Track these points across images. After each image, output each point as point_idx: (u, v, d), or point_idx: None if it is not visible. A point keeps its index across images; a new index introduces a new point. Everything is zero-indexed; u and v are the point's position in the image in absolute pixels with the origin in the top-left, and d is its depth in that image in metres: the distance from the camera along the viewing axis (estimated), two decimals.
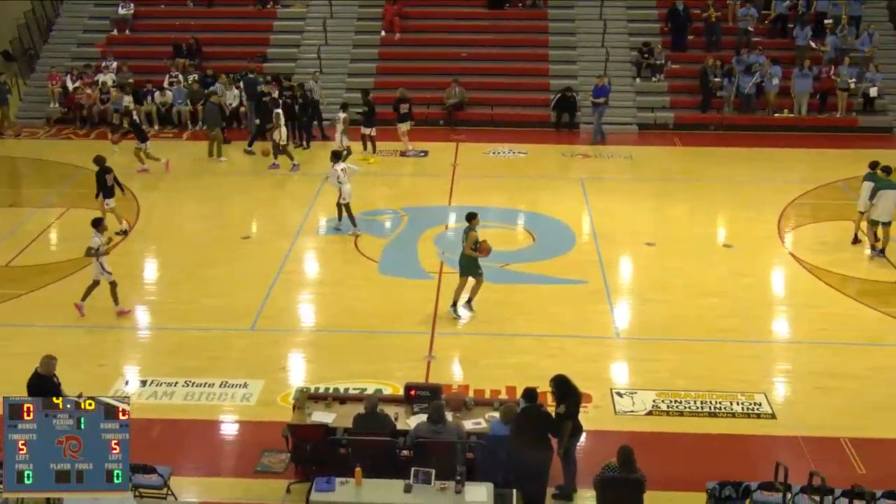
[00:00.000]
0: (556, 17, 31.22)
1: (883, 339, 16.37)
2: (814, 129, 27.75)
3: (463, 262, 16.75)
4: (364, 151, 25.39)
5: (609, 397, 14.36)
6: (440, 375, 14.82)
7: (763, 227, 20.96)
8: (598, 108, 26.72)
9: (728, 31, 30.10)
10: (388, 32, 30.67)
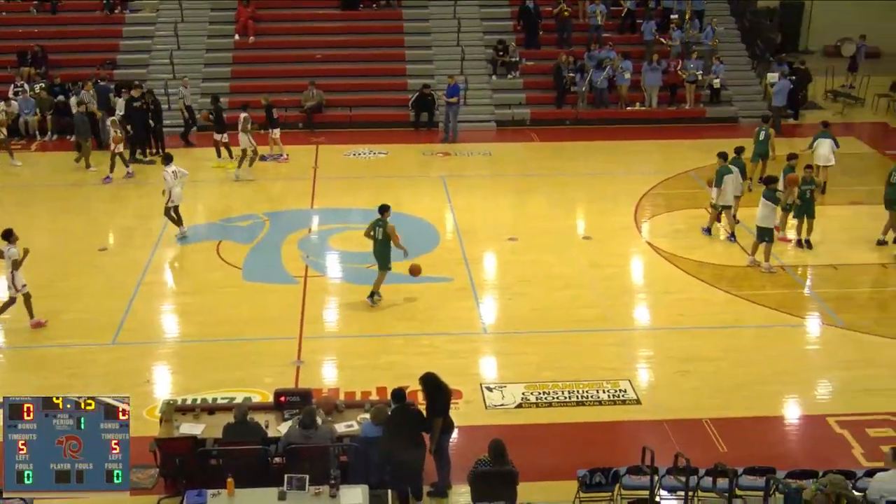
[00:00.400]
0: (411, 16, 31.29)
1: (738, 321, 16.99)
2: (664, 121, 28.61)
3: (379, 254, 16.93)
4: (219, 159, 24.91)
5: (479, 392, 14.48)
6: (310, 380, 14.70)
7: (620, 218, 21.47)
8: (451, 106, 26.89)
9: (579, 27, 30.72)
10: (241, 36, 30.18)
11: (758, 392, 14.73)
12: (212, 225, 20.86)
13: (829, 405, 14.53)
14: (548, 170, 25.02)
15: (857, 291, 18.34)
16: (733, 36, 31.33)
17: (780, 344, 16.23)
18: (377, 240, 16.93)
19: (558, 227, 21.13)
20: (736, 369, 15.33)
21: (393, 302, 17.44)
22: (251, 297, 17.74)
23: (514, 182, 24.18)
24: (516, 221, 21.57)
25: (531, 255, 19.52)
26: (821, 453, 13.13)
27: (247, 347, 15.85)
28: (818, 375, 15.36)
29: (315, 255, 19.52)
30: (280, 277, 18.49)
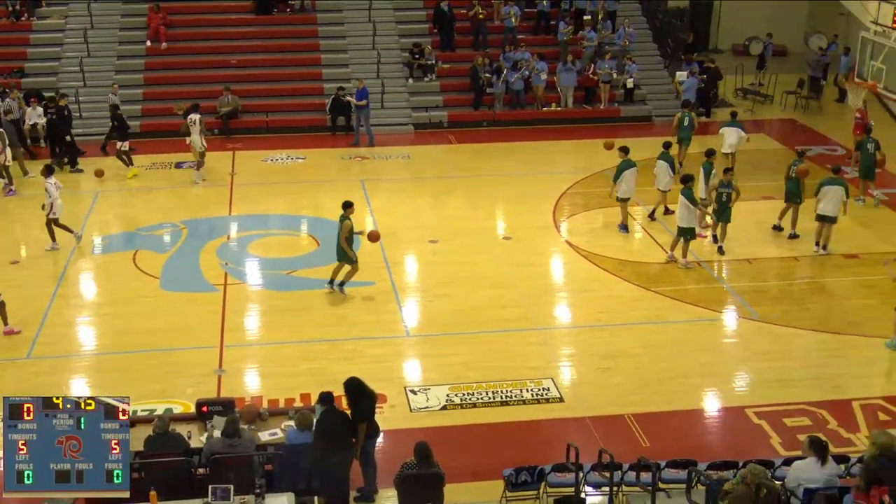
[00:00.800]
0: (326, 20, 31.11)
1: (657, 317, 17.23)
2: (580, 121, 28.84)
3: (339, 250, 17.27)
4: (129, 167, 24.35)
5: (403, 395, 14.49)
6: (232, 389, 14.55)
7: (539, 218, 21.60)
8: (360, 110, 26.76)
9: (494, 29, 30.87)
10: (153, 42, 29.66)
11: (678, 386, 14.98)
12: (128, 234, 20.50)
13: (746, 397, 14.84)
14: (466, 171, 25.10)
15: (771, 284, 18.74)
16: (645, 36, 31.72)
17: (699, 338, 16.52)
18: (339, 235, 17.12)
19: (479, 227, 21.21)
20: (656, 364, 15.56)
21: (315, 307, 17.34)
22: (170, 306, 17.48)
23: (434, 184, 24.22)
24: (437, 223, 21.59)
25: (452, 256, 19.58)
26: (740, 444, 13.39)
27: (167, 358, 15.62)
28: (736, 368, 15.67)
29: (234, 263, 19.31)
30: (199, 286, 18.26)
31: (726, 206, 19.38)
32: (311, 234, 21.06)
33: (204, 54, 29.89)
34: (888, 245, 19.96)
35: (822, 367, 15.57)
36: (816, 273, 19.17)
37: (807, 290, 18.64)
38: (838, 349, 16.13)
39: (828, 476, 10.68)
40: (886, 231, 21.04)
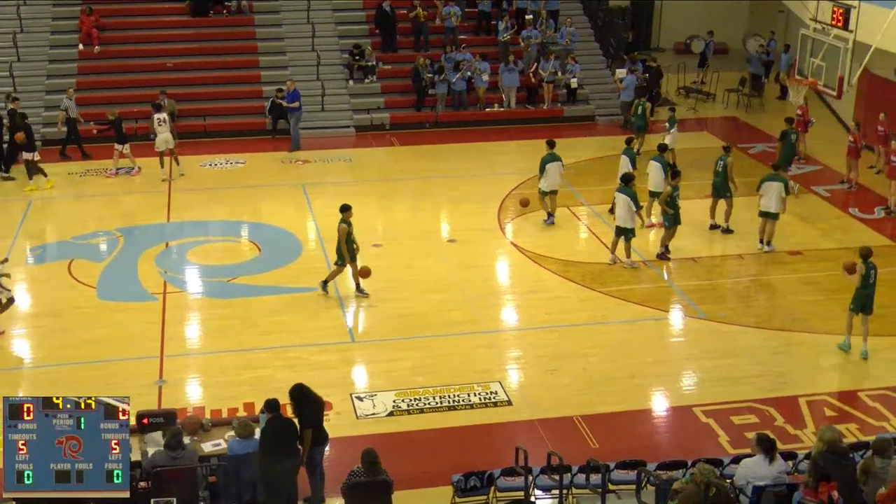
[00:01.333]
0: (263, 22, 30.72)
1: (604, 317, 17.23)
2: (523, 121, 28.78)
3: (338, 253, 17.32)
4: (34, 179, 23.55)
5: (349, 402, 14.31)
6: (173, 399, 14.28)
7: (485, 220, 21.52)
8: (292, 112, 26.39)
9: (436, 29, 30.72)
10: (86, 45, 29.00)
11: (626, 386, 14.99)
12: (62, 243, 19.98)
13: (694, 395, 14.87)
14: (410, 174, 24.93)
15: (717, 283, 18.81)
16: (587, 35, 31.78)
17: (646, 338, 16.56)
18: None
19: (423, 231, 21.08)
20: (604, 365, 15.55)
21: (257, 315, 17.10)
22: (108, 316, 17.12)
23: (377, 187, 23.98)
24: (381, 227, 21.45)
25: (397, 260, 19.41)
26: (689, 443, 13.43)
27: (106, 369, 15.29)
28: (683, 367, 15.71)
29: (173, 271, 18.95)
30: (138, 295, 17.89)
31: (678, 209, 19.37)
32: (251, 240, 20.72)
33: (139, 57, 29.33)
34: (831, 241, 20.17)
35: (768, 365, 15.66)
36: (761, 270, 19.28)
37: (752, 287, 18.78)
38: (783, 346, 16.24)
39: (776, 473, 10.70)
40: (829, 228, 21.26)
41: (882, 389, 14.90)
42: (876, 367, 15.58)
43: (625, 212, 18.76)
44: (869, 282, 15.40)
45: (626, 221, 18.81)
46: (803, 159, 25.23)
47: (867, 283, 15.40)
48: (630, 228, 18.86)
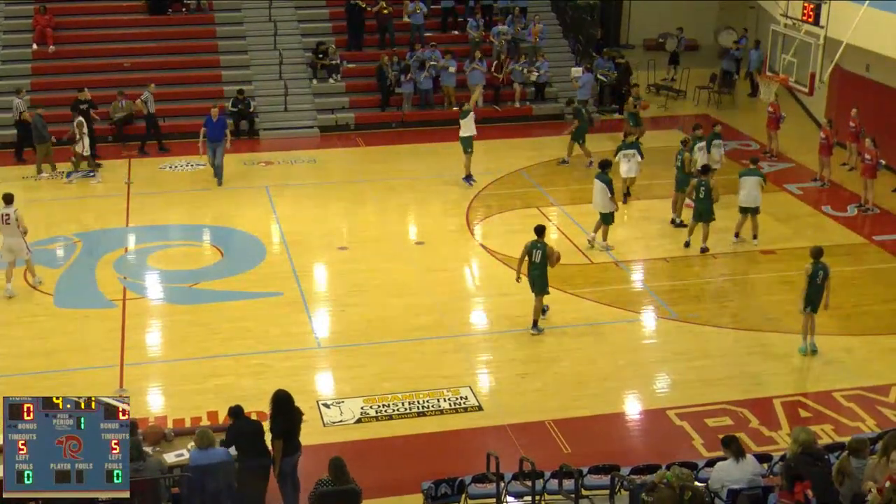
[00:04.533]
0: (224, 20, 30.28)
1: (575, 319, 17.04)
2: (491, 120, 28.45)
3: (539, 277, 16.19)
4: None
5: (316, 410, 14.07)
6: (134, 409, 13.54)
7: (453, 221, 21.31)
8: (217, 141, 23.45)
9: (401, 27, 30.38)
10: (40, 45, 28.39)
11: (599, 389, 14.83)
12: None
13: (667, 398, 14.75)
14: (376, 175, 24.59)
15: (689, 283, 18.64)
16: (555, 32, 31.62)
17: (619, 340, 16.42)
18: (534, 263, 16.17)
19: (390, 233, 20.84)
20: (576, 368, 15.40)
21: (220, 321, 16.79)
22: (65, 324, 16.73)
23: (342, 189, 23.64)
24: (346, 230, 21.23)
25: (363, 263, 19.14)
26: (663, 447, 13.33)
27: (64, 379, 14.91)
28: (656, 369, 15.60)
29: (133, 276, 18.55)
30: (96, 302, 17.50)
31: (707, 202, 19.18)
32: (214, 244, 20.36)
33: (95, 57, 28.76)
34: (804, 240, 20.01)
35: (741, 366, 15.55)
36: (733, 270, 19.20)
37: (724, 287, 18.67)
38: (757, 346, 16.14)
39: (750, 476, 10.63)
40: (802, 225, 21.20)
41: (857, 389, 14.80)
42: (851, 367, 15.49)
43: (601, 197, 18.96)
44: (816, 281, 15.32)
45: (604, 207, 19.05)
46: (775, 156, 25.15)
47: (814, 282, 15.31)
48: (609, 213, 19.07)
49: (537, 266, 16.20)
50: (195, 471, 11.07)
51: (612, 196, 19.12)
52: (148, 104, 25.33)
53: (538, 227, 16.50)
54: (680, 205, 20.66)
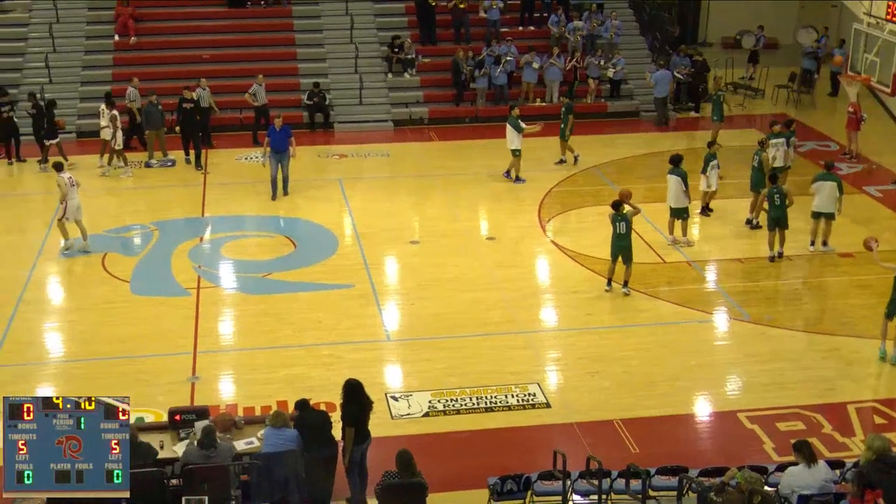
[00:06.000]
0: (301, 13, 30.56)
1: (646, 319, 16.86)
2: None
3: (626, 249, 17.23)
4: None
5: (384, 402, 14.07)
6: (206, 396, 14.15)
7: (524, 217, 21.19)
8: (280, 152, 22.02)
9: (477, 22, 30.37)
10: (122, 36, 28.99)
11: (668, 390, 14.66)
12: (96, 236, 19.83)
13: (739, 400, 14.52)
14: (448, 169, 24.63)
15: (763, 284, 18.30)
16: (632, 29, 31.35)
17: (689, 340, 16.19)
18: (620, 234, 17.07)
19: (461, 228, 20.79)
20: (645, 368, 15.22)
21: (291, 311, 16.91)
22: (141, 311, 16.99)
23: (414, 183, 23.73)
24: (418, 224, 21.24)
25: (434, 257, 19.15)
26: (732, 449, 13.12)
27: (138, 365, 15.16)
28: (727, 371, 15.35)
29: (207, 266, 18.79)
30: (171, 290, 17.75)
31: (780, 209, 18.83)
32: (286, 235, 20.51)
33: (175, 49, 29.26)
34: (883, 243, 19.54)
35: (815, 370, 15.24)
36: (810, 273, 18.84)
37: (800, 290, 18.31)
38: (832, 351, 15.80)
39: (821, 482, 10.50)
40: (881, 229, 20.64)
41: None
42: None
43: (676, 192, 18.84)
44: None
45: (678, 202, 18.95)
46: (855, 158, 24.64)
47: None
48: (684, 208, 18.98)
49: (623, 237, 17.05)
50: (266, 459, 11.18)
51: (686, 190, 18.96)
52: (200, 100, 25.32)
53: (615, 202, 17.15)
54: (759, 206, 20.28)
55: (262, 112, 25.95)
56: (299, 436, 11.37)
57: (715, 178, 20.55)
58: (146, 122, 24.45)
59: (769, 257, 18.93)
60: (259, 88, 25.88)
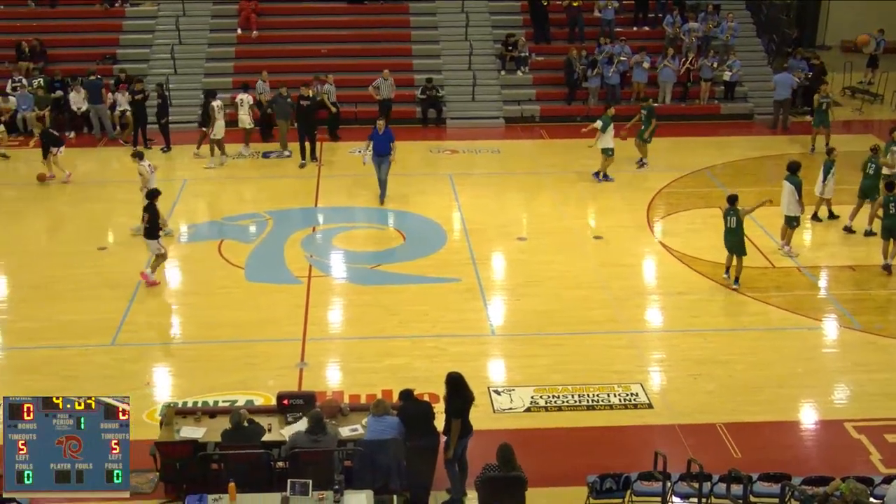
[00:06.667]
0: (418, 10, 30.97)
1: (752, 323, 16.63)
2: (678, 117, 28.12)
3: (736, 243, 17.45)
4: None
5: (487, 396, 14.18)
6: (313, 382, 14.46)
7: (632, 217, 21.11)
8: (382, 156, 21.71)
9: (591, 21, 30.32)
10: (244, 30, 29.84)
11: (773, 396, 14.43)
12: (213, 223, 20.51)
13: (846, 410, 14.22)
14: (558, 167, 24.64)
15: (875, 293, 17.89)
16: (749, 30, 30.87)
17: (796, 347, 15.90)
18: (730, 229, 17.33)
19: (568, 226, 20.79)
20: (750, 372, 15.02)
21: (398, 303, 17.16)
22: (254, 297, 17.45)
23: (524, 180, 23.83)
24: (526, 220, 21.31)
25: (541, 254, 19.21)
26: (837, 459, 12.86)
27: (249, 349, 15.58)
28: (834, 379, 15.04)
29: (319, 255, 19.18)
30: (283, 277, 18.18)
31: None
32: (396, 228, 20.85)
33: (294, 43, 29.98)
34: None
35: None
36: None
37: None
38: None
39: None
40: None
41: None
42: None
43: (788, 199, 18.62)
44: None
45: (790, 209, 18.74)
46: None
47: None
48: (794, 216, 18.75)
49: (732, 232, 17.26)
50: (367, 446, 11.38)
51: (800, 199, 18.64)
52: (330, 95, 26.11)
53: (730, 196, 17.40)
54: (873, 213, 19.75)
55: (386, 106, 26.37)
56: (401, 424, 11.53)
57: (831, 186, 20.17)
58: (277, 113, 25.10)
59: (883, 266, 18.46)
60: (384, 83, 26.39)
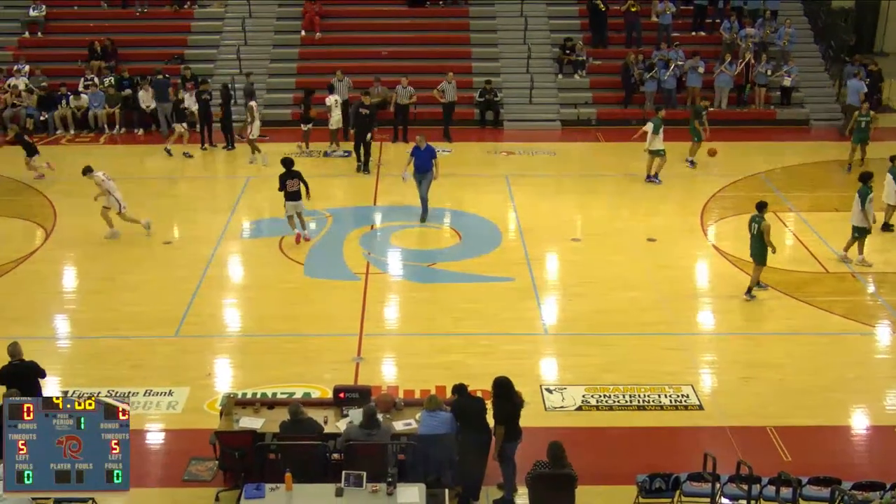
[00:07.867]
0: (477, 14, 31.22)
1: (804, 327, 16.61)
2: (733, 122, 28.08)
3: (756, 250, 17.18)
4: None
5: (539, 394, 14.35)
6: (369, 377, 14.70)
7: (686, 220, 21.16)
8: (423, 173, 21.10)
9: (649, 26, 30.36)
10: (308, 32, 30.37)
11: (823, 400, 14.41)
12: (275, 220, 20.89)
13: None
14: (613, 170, 24.76)
15: None
16: (806, 36, 30.68)
17: (848, 351, 15.87)
18: (752, 235, 17.17)
19: (622, 228, 20.90)
20: (801, 376, 15.02)
21: (453, 301, 17.37)
22: (313, 292, 17.79)
23: (579, 182, 23.98)
24: (580, 222, 21.41)
25: (594, 256, 19.34)
26: (889, 465, 12.76)
27: (307, 343, 15.89)
28: (887, 385, 14.97)
29: (377, 253, 19.50)
30: (342, 274, 18.49)
31: None
32: (453, 227, 21.11)
33: (356, 45, 30.40)
34: None
35: None
36: None
37: None
38: None
39: None
40: None
41: None
42: None
43: (855, 210, 18.50)
44: None
45: (856, 220, 18.57)
46: None
47: None
48: (862, 227, 18.50)
49: (756, 238, 16.94)
50: (423, 440, 11.58)
51: (863, 210, 18.36)
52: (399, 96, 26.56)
53: (759, 203, 17.18)
54: None
55: (450, 108, 26.82)
56: (454, 419, 11.70)
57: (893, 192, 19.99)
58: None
59: None
60: (448, 86, 26.75)
